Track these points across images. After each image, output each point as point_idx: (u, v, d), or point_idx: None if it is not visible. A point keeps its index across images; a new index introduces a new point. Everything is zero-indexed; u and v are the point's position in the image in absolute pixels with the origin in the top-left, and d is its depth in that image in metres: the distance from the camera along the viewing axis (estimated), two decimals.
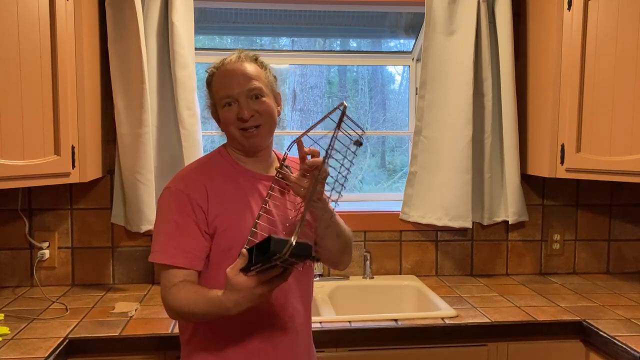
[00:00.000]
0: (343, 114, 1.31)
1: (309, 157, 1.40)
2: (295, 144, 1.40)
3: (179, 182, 1.39)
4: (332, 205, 1.41)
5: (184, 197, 1.35)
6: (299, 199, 1.43)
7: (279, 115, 1.46)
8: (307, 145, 1.42)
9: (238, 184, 1.42)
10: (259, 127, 1.39)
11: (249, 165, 1.45)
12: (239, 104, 1.37)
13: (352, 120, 1.32)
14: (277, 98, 1.46)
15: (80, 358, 1.71)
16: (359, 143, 1.34)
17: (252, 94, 1.38)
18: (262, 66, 1.44)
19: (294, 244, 1.13)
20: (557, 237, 2.52)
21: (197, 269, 1.36)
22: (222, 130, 1.44)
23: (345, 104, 1.32)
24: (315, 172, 1.36)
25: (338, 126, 1.31)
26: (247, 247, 1.22)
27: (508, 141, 2.33)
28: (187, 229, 1.35)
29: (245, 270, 1.21)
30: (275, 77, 1.47)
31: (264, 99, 1.39)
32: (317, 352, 1.79)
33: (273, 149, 1.52)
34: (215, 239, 1.36)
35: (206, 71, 1.46)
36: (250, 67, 1.40)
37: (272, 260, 1.14)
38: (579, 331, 1.89)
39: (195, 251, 1.35)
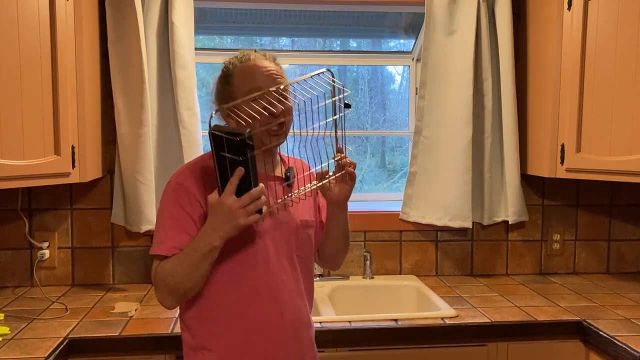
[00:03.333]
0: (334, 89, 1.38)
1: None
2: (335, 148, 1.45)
3: (178, 176, 1.39)
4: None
5: (182, 190, 1.35)
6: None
7: None
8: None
9: None
10: (283, 127, 1.40)
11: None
12: (267, 99, 1.34)
13: (336, 85, 1.38)
14: None
15: (80, 358, 1.71)
16: (348, 106, 1.43)
17: (280, 93, 1.36)
18: (282, 69, 1.45)
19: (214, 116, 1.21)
20: (557, 237, 2.52)
21: None
22: (238, 126, 1.38)
23: (330, 70, 1.38)
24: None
25: (337, 104, 1.40)
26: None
27: (508, 141, 2.33)
28: (181, 221, 1.34)
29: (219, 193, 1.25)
30: None
31: (287, 99, 1.39)
32: (317, 352, 1.80)
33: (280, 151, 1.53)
34: None
35: (224, 64, 1.43)
36: (276, 67, 1.41)
37: (211, 141, 1.20)
38: (579, 331, 1.89)
39: (184, 239, 1.33)
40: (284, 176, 1.48)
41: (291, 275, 1.44)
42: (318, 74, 1.35)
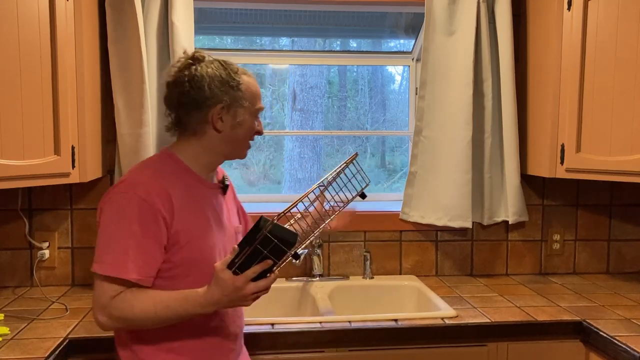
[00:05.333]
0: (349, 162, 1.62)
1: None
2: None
3: (141, 190, 1.29)
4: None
5: (147, 206, 1.27)
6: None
7: None
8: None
9: (196, 194, 1.39)
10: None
11: (203, 174, 1.44)
12: (258, 120, 1.46)
13: (361, 170, 1.63)
14: None
15: (80, 358, 1.71)
16: (364, 196, 1.66)
17: None
18: None
19: (275, 221, 1.18)
20: (557, 237, 2.52)
21: (146, 285, 1.30)
22: (223, 131, 1.39)
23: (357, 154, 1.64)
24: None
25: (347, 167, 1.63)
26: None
27: (508, 141, 2.33)
28: (143, 242, 1.27)
29: (231, 266, 1.21)
30: None
31: None
32: (317, 351, 1.80)
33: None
34: (175, 252, 1.32)
35: (225, 65, 1.40)
36: None
37: (256, 238, 1.17)
38: (579, 331, 1.89)
39: (147, 268, 1.29)
40: (222, 184, 1.53)
41: None
42: (350, 162, 1.60)
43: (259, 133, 1.47)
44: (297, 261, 1.56)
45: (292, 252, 1.25)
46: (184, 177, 1.39)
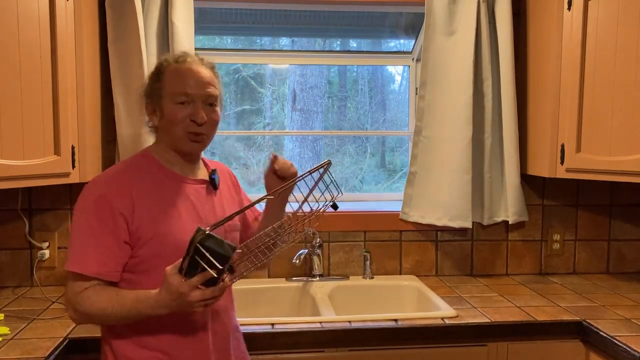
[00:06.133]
0: (325, 170, 1.41)
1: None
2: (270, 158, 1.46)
3: (101, 187, 1.33)
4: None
5: (104, 203, 1.30)
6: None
7: None
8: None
9: (165, 189, 1.38)
10: (205, 135, 1.39)
11: (177, 168, 1.42)
12: (194, 106, 1.35)
13: (333, 180, 1.41)
14: (221, 111, 1.47)
15: (80, 358, 1.71)
16: (335, 207, 1.42)
17: (209, 101, 1.38)
18: (217, 77, 1.45)
19: (207, 232, 1.15)
20: (557, 237, 2.52)
21: (109, 279, 1.32)
22: (160, 125, 1.40)
23: (330, 161, 1.41)
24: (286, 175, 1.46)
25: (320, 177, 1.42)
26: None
27: (508, 141, 2.33)
28: (101, 238, 1.29)
29: (181, 271, 1.20)
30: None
31: (216, 108, 1.41)
32: (317, 352, 1.80)
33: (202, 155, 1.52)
34: (140, 247, 1.32)
35: (160, 60, 1.43)
36: (210, 74, 1.41)
37: (190, 250, 1.16)
38: (579, 331, 1.89)
39: (107, 262, 1.30)
40: (209, 179, 1.47)
41: None
42: (320, 167, 1.39)
43: (195, 122, 1.35)
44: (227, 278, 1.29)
45: (228, 265, 1.19)
46: (155, 173, 1.39)
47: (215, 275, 1.19)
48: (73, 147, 1.91)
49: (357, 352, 1.83)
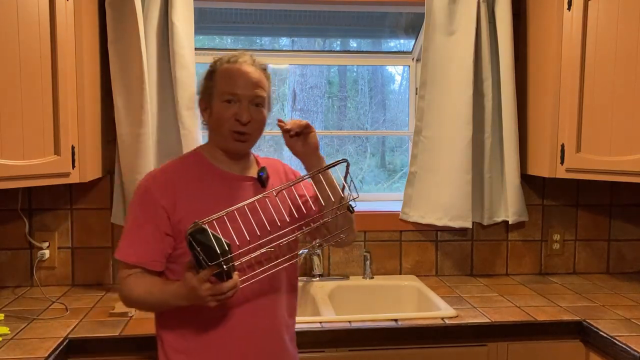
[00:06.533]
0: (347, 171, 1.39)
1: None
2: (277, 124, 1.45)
3: (149, 181, 1.41)
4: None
5: (149, 196, 1.37)
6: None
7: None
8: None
9: (211, 186, 1.42)
10: (249, 135, 1.41)
11: (224, 166, 1.45)
12: (240, 105, 1.38)
13: (347, 182, 1.40)
14: (269, 112, 1.49)
15: (80, 358, 1.71)
16: (351, 210, 1.41)
17: (255, 101, 1.41)
18: (268, 78, 1.47)
19: (200, 226, 1.19)
20: (557, 237, 2.52)
21: (151, 268, 1.38)
22: (208, 123, 1.44)
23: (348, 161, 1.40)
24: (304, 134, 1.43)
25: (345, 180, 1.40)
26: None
27: (508, 141, 2.33)
28: (145, 228, 1.37)
29: (194, 266, 1.24)
30: (272, 91, 1.50)
31: (263, 109, 1.43)
32: (317, 351, 1.80)
33: (252, 151, 1.54)
34: (182, 239, 1.34)
35: (214, 59, 1.46)
36: (260, 75, 1.43)
37: (186, 242, 1.20)
38: (579, 331, 1.89)
39: (149, 251, 1.37)
40: (257, 176, 1.48)
41: (265, 278, 1.38)
42: (336, 164, 1.39)
43: (239, 122, 1.37)
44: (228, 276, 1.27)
45: (225, 260, 1.20)
46: (202, 170, 1.44)
47: (219, 270, 1.21)
48: (73, 147, 1.91)
49: (357, 352, 1.83)
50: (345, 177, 1.39)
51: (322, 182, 1.42)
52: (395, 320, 1.88)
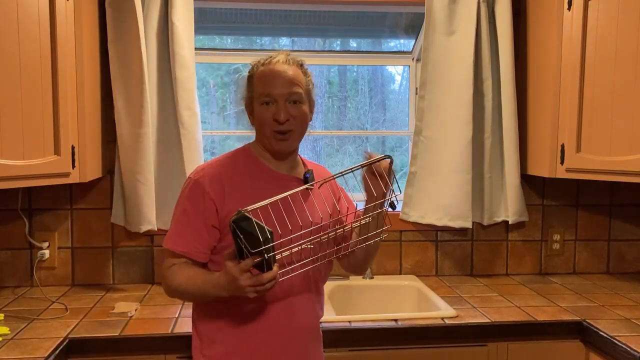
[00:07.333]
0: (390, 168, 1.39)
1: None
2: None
3: (199, 174, 1.44)
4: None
5: (198, 189, 1.41)
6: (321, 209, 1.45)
7: (309, 121, 1.50)
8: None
9: (258, 183, 1.44)
10: (291, 132, 1.43)
11: (272, 164, 1.48)
12: (277, 105, 1.41)
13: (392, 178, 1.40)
14: (311, 106, 1.49)
15: (80, 358, 1.71)
16: (393, 206, 1.41)
17: (292, 99, 1.42)
18: (305, 73, 1.48)
19: (243, 214, 1.19)
20: (557, 237, 2.52)
21: (195, 259, 1.42)
22: (254, 125, 1.48)
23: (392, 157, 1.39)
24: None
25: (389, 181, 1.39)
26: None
27: (508, 141, 2.33)
28: (192, 220, 1.40)
29: (235, 256, 1.25)
30: (313, 84, 1.50)
31: (301, 105, 1.44)
32: None
33: (298, 153, 1.55)
34: (227, 233, 1.38)
35: (250, 64, 1.49)
36: (295, 72, 1.44)
37: (230, 229, 1.20)
38: (579, 331, 1.89)
39: (195, 242, 1.40)
40: (302, 177, 1.50)
41: (301, 277, 1.42)
42: (380, 160, 1.38)
43: (277, 122, 1.40)
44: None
45: (267, 249, 1.20)
46: (250, 166, 1.47)
47: (260, 259, 1.22)
48: (73, 147, 1.91)
49: (357, 352, 1.83)
50: (389, 174, 1.39)
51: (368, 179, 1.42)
52: (395, 320, 1.88)
